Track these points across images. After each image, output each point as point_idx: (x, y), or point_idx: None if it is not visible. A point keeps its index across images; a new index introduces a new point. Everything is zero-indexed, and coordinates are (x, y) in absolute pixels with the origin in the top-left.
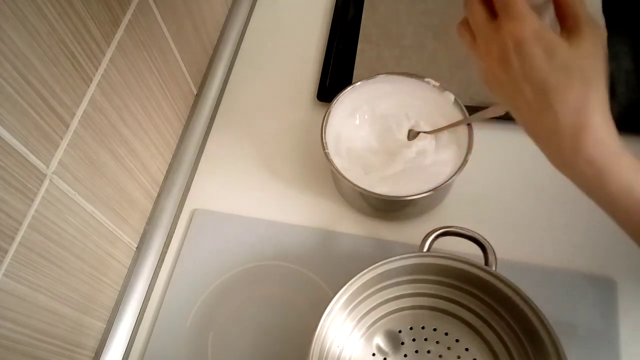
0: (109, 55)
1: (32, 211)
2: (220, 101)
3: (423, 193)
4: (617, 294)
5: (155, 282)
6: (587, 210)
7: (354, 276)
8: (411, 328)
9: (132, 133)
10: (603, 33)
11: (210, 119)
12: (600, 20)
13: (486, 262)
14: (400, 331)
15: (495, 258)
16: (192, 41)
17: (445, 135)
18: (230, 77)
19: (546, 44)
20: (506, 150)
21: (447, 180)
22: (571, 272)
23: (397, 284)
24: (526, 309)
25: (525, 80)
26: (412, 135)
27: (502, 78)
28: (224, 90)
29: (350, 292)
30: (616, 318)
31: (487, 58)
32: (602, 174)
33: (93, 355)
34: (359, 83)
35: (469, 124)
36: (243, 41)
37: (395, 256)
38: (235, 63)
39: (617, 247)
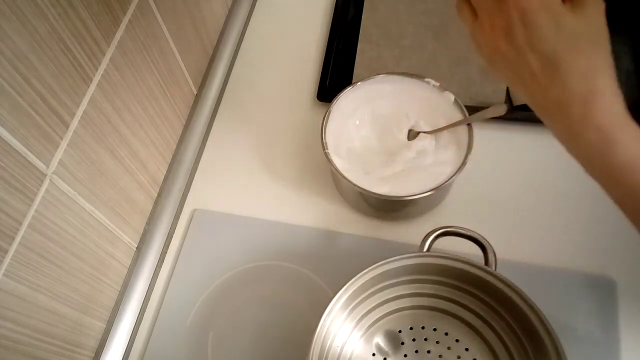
0: (109, 55)
1: (32, 211)
2: (220, 101)
3: (423, 193)
4: (617, 294)
5: (155, 282)
6: (587, 210)
7: (354, 276)
8: (411, 328)
9: (132, 133)
10: (602, 2)
11: (210, 119)
12: None
13: (486, 262)
14: (400, 331)
15: (495, 258)
16: (192, 41)
17: (445, 135)
18: (230, 77)
19: (552, 13)
20: (506, 150)
21: (447, 180)
22: (571, 272)
23: (397, 284)
24: (526, 309)
25: (532, 50)
26: (412, 135)
27: (506, 51)
28: (224, 90)
29: (350, 292)
30: (616, 318)
31: (491, 32)
32: (609, 142)
33: (93, 355)
34: (359, 83)
35: (469, 124)
36: (243, 41)
37: (395, 256)
38: (235, 63)
39: (617, 247)
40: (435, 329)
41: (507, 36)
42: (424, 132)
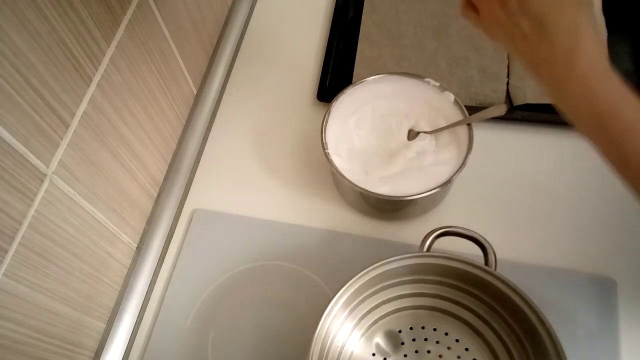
0: (109, 55)
1: (32, 211)
2: (220, 101)
3: (423, 193)
4: (617, 294)
5: (155, 282)
6: (587, 210)
7: (354, 276)
8: (411, 328)
9: (132, 133)
10: None
11: (210, 119)
12: (600, 20)
13: (486, 262)
14: (400, 331)
15: (495, 258)
16: (192, 41)
17: (445, 135)
18: (230, 77)
19: None
20: (506, 150)
21: (447, 180)
22: (571, 272)
23: (397, 284)
24: (526, 309)
25: (523, 14)
26: (412, 135)
27: (501, 18)
28: (224, 90)
29: (350, 292)
30: (616, 318)
31: (488, 2)
32: (592, 92)
33: (93, 355)
34: (359, 83)
35: (469, 124)
36: (243, 41)
37: (395, 256)
38: (235, 63)
39: (617, 247)
40: (435, 329)
41: (502, 4)
42: (424, 132)
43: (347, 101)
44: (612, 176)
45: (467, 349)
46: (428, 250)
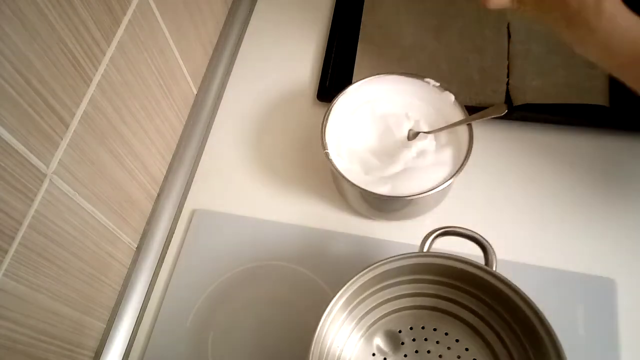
0: (109, 55)
1: (32, 211)
2: (220, 101)
3: (423, 193)
4: (617, 294)
5: (155, 282)
6: (587, 210)
7: (354, 276)
8: (411, 328)
9: (132, 133)
10: None
11: (210, 119)
12: None
13: (486, 262)
14: (400, 331)
15: (495, 258)
16: (192, 41)
17: (445, 135)
18: (230, 77)
19: None
20: (506, 150)
21: (448, 180)
22: (571, 272)
23: (397, 284)
24: (526, 309)
25: None
26: (412, 135)
27: None
28: (224, 90)
29: (350, 292)
30: (616, 318)
31: None
32: (622, 26)
33: (93, 355)
34: (359, 83)
35: (469, 124)
36: (243, 41)
37: (395, 256)
38: (235, 63)
39: (617, 247)
40: (435, 329)
41: None
42: (424, 132)
43: (347, 101)
44: (612, 176)
45: (467, 349)
46: (428, 250)
